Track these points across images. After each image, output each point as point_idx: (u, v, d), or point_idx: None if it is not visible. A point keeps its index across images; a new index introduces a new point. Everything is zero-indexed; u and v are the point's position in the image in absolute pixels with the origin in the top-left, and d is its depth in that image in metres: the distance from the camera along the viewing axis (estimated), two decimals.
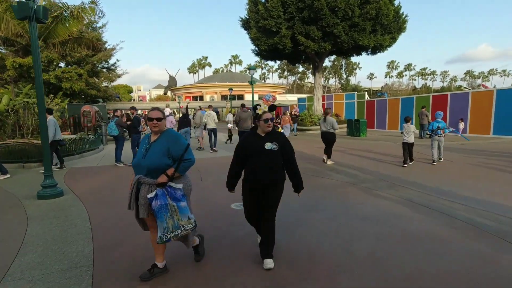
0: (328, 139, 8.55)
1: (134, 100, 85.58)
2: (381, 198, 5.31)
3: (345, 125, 18.39)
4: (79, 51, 23.95)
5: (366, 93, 24.51)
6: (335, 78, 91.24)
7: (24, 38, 9.43)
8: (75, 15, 9.51)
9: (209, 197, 5.60)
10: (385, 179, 6.59)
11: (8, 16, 8.46)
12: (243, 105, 11.69)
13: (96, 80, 26.37)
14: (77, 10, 9.37)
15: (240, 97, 61.69)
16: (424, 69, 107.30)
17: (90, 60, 25.84)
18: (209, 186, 6.44)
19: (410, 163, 8.32)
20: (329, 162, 8.61)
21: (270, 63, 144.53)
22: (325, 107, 26.77)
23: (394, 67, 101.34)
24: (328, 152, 8.65)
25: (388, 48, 21.26)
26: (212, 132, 12.32)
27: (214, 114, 13.11)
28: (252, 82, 18.84)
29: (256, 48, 24.71)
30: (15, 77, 23.19)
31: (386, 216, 4.41)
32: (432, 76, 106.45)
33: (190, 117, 12.68)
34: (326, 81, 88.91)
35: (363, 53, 22.75)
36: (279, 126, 18.78)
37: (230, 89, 33.33)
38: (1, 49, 24.04)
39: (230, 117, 36.60)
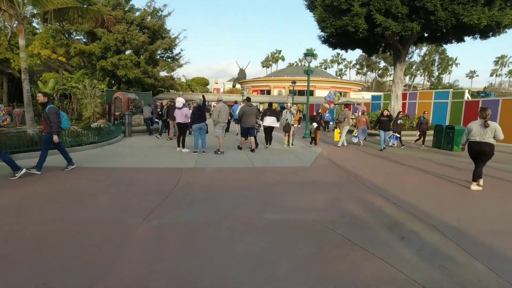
0: (486, 152, 5.88)
1: (210, 92, 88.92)
2: None
3: (432, 132, 13.39)
4: (137, 38, 23.52)
5: (466, 91, 18.39)
6: (423, 75, 78.93)
7: (15, 9, 7.90)
8: None
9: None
10: None
11: None
12: (248, 99, 10.60)
13: (154, 69, 25.79)
14: None
15: (310, 93, 57.48)
16: None
17: (149, 48, 25.30)
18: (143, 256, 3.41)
19: None
20: (475, 187, 5.95)
21: (348, 57, 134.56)
22: (406, 107, 21.38)
23: (505, 64, 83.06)
24: (478, 172, 6.01)
25: (507, 29, 15.21)
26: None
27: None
28: (308, 72, 15.21)
29: (322, 33, 20.81)
30: (82, 63, 23.91)
31: None
32: None
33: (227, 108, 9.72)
34: (412, 79, 77.73)
35: (468, 38, 16.91)
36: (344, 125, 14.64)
37: (293, 82, 29.88)
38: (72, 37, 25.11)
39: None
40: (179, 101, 9.93)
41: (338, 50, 23.33)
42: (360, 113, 19.55)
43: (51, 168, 6.57)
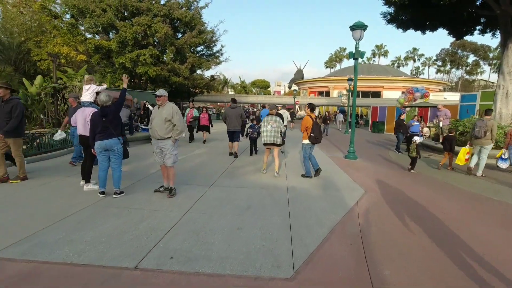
0: None
1: (274, 94, 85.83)
2: None
3: None
4: (160, 30, 20.46)
5: None
6: None
7: None
8: None
9: None
10: None
11: None
12: (233, 100, 9.46)
13: (181, 66, 22.54)
14: None
15: (376, 94, 49.46)
16: None
17: (176, 43, 22.13)
18: None
19: None
20: None
21: (427, 53, 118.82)
22: None
23: None
24: None
25: None
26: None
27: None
28: (355, 55, 9.68)
29: (386, 6, 14.85)
30: (101, 60, 21.87)
31: None
32: None
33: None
34: None
35: None
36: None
37: (349, 79, 23.81)
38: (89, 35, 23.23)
39: (340, 117, 27.21)
40: (87, 90, 5.77)
41: (411, 32, 16.81)
42: (441, 120, 13.26)
43: None
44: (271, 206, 4.66)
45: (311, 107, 6.76)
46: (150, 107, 11.82)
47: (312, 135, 6.38)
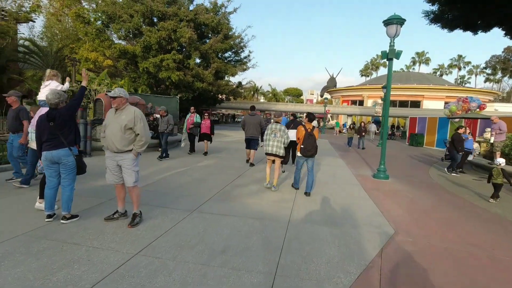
0: None
1: (306, 102, 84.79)
2: None
3: None
4: (184, 35, 20.00)
5: None
6: None
7: None
8: None
9: None
10: None
11: None
12: (252, 108, 9.58)
13: (205, 71, 21.90)
14: None
15: (415, 104, 45.89)
16: None
17: (201, 48, 21.58)
18: None
19: None
20: None
21: (473, 60, 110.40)
22: None
23: None
24: None
25: None
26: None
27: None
28: (389, 55, 8.09)
29: (430, 4, 13.13)
30: (127, 65, 21.89)
31: None
32: None
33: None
34: None
35: None
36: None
37: (384, 87, 21.78)
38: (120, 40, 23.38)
39: (372, 127, 25.16)
40: (45, 87, 4.92)
41: (458, 32, 14.34)
42: (494, 134, 11.12)
43: None
44: (256, 250, 3.35)
45: (309, 116, 6.17)
46: (157, 115, 10.86)
47: (302, 146, 5.83)
